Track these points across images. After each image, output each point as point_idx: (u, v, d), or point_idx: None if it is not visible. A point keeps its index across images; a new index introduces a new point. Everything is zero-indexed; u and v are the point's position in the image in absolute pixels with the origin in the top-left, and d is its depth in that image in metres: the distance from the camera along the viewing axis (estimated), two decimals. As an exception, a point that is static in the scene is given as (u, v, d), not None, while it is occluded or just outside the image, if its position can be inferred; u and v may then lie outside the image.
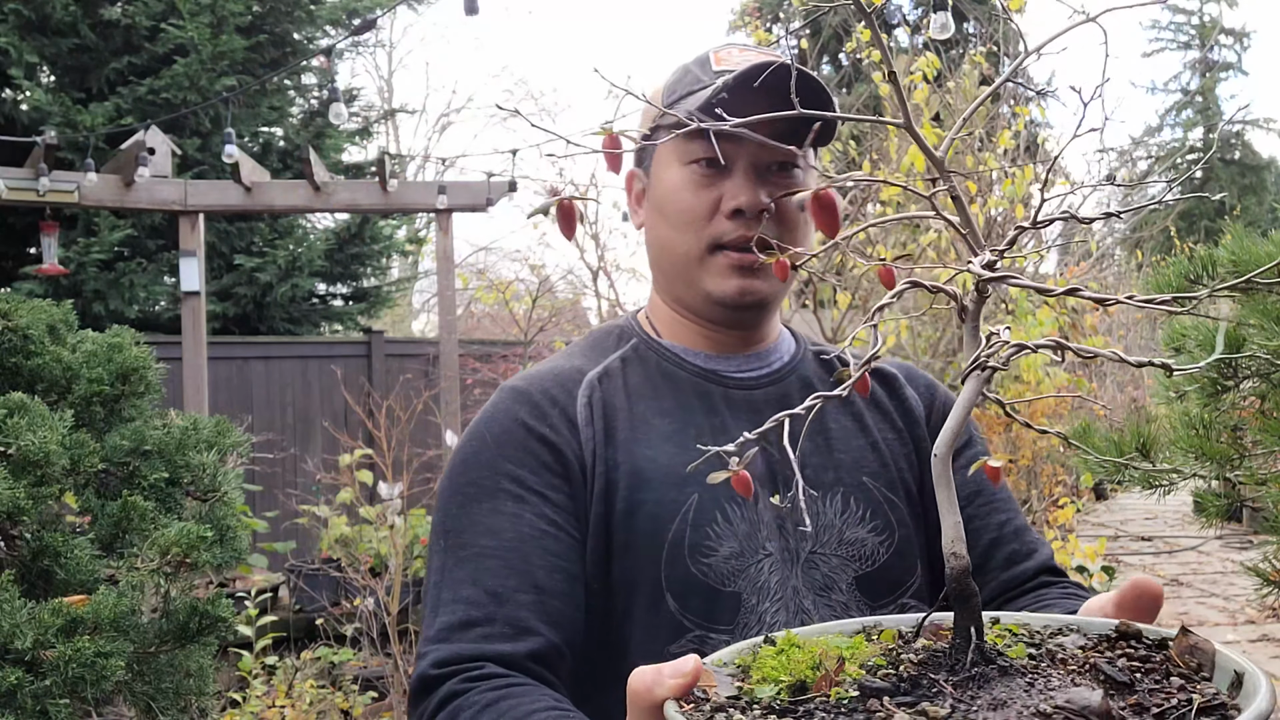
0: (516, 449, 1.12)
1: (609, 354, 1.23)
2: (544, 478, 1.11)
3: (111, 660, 1.45)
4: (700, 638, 1.08)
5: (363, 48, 16.60)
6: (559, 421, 1.14)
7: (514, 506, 1.09)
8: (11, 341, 1.79)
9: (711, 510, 1.11)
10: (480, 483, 1.11)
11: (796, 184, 1.16)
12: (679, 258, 1.19)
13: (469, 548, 1.08)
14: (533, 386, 1.17)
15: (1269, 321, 1.68)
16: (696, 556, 1.10)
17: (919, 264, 5.91)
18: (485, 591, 1.05)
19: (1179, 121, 26.44)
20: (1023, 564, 1.23)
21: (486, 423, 1.16)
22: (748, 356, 1.24)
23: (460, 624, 1.04)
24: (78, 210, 6.51)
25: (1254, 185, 24.28)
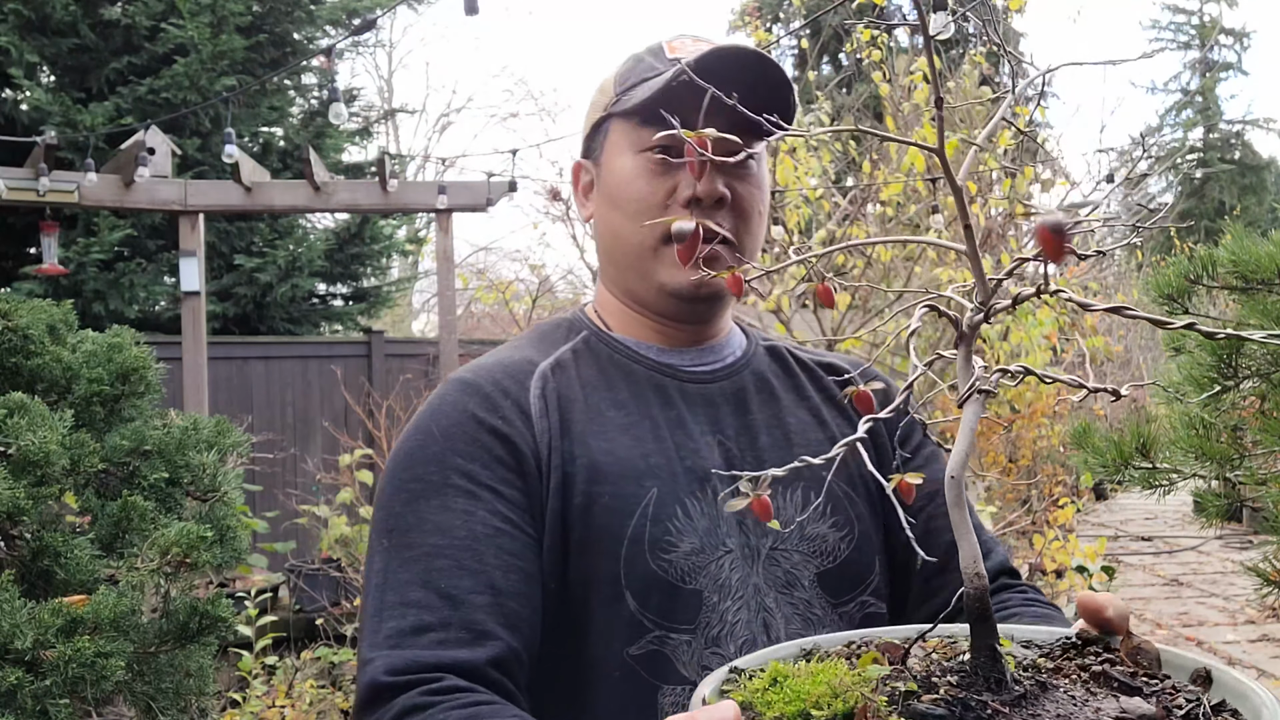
0: (467, 442, 1.06)
1: (559, 346, 1.18)
2: (497, 472, 1.05)
3: (111, 660, 1.45)
4: (660, 638, 1.04)
5: (363, 48, 16.61)
6: (511, 413, 1.08)
7: (465, 503, 1.03)
8: (11, 341, 1.79)
9: (671, 505, 1.08)
10: (427, 478, 1.05)
11: (751, 172, 1.14)
12: (632, 248, 1.15)
13: (416, 547, 1.02)
14: (481, 378, 1.12)
15: (1269, 322, 1.68)
16: (657, 553, 1.06)
17: (919, 264, 5.85)
18: (437, 594, 0.99)
19: (1179, 121, 26.44)
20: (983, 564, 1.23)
21: (432, 415, 1.09)
22: (701, 350, 1.21)
23: (412, 629, 0.97)
24: (78, 210, 6.51)
25: (1254, 185, 24.28)
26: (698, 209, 1.09)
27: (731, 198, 1.11)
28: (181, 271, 6.02)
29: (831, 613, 1.12)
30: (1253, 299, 1.75)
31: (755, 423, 1.16)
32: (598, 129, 1.20)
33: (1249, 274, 1.74)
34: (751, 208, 1.14)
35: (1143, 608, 6.14)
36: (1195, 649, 5.23)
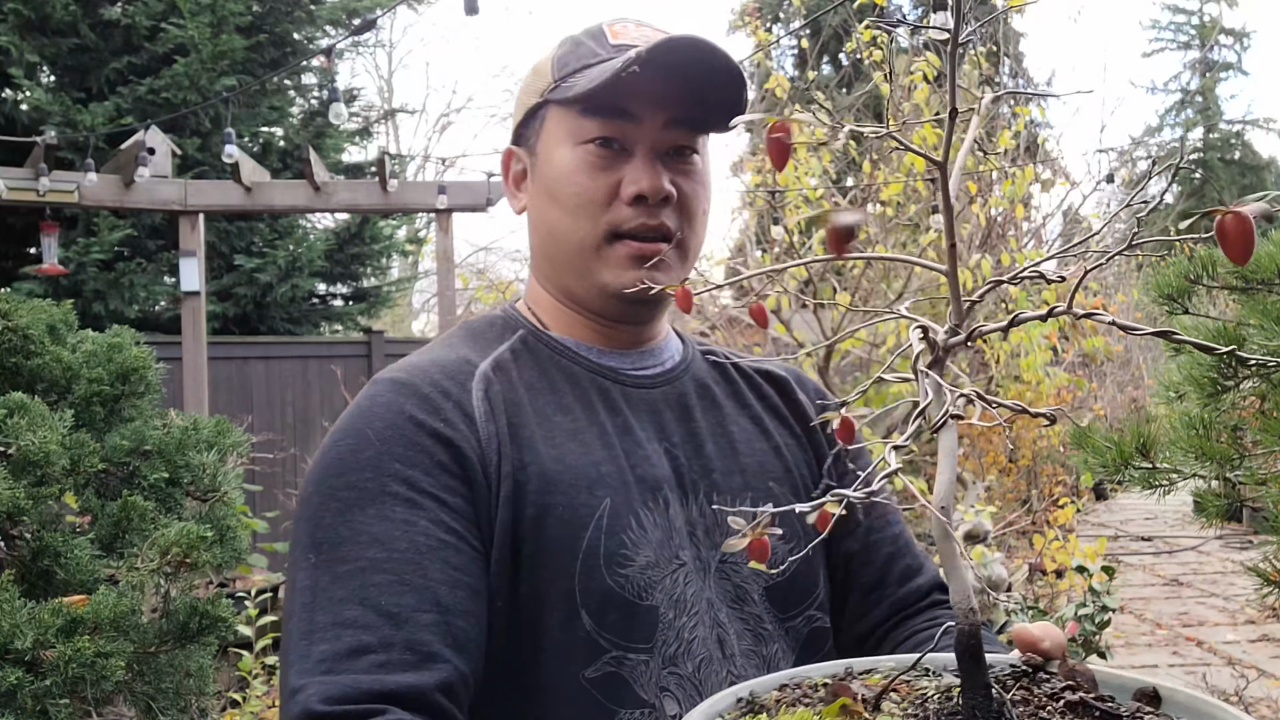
0: (405, 446, 0.96)
1: (496, 344, 1.09)
2: (439, 479, 0.95)
3: (111, 660, 1.45)
4: (617, 659, 0.97)
5: (363, 48, 16.61)
6: (454, 415, 0.98)
7: (405, 511, 0.93)
8: (11, 341, 1.79)
9: (625, 516, 1.00)
10: (362, 485, 0.94)
11: (696, 169, 1.08)
12: (572, 246, 1.07)
13: (351, 561, 0.90)
14: (416, 378, 1.02)
15: (1269, 321, 1.68)
16: (613, 567, 0.98)
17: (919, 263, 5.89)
18: (376, 611, 0.88)
19: (1179, 121, 26.44)
20: (916, 580, 1.17)
21: (363, 418, 0.99)
22: (641, 353, 1.14)
23: (349, 651, 0.86)
24: (78, 210, 6.51)
25: (1254, 185, 24.28)
26: (643, 206, 1.04)
27: (677, 195, 1.06)
28: (181, 271, 6.02)
29: (779, 627, 1.07)
30: (1253, 299, 1.75)
31: (700, 430, 1.11)
32: (533, 115, 1.11)
33: (1249, 274, 1.74)
34: (697, 206, 1.08)
35: (1143, 608, 6.14)
36: (1195, 649, 5.23)
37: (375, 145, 11.85)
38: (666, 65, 1.00)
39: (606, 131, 1.04)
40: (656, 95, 1.03)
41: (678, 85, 1.03)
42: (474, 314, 11.19)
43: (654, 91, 1.03)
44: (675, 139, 1.06)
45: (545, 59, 1.12)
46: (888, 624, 1.14)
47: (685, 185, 1.07)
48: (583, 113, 1.04)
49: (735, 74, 1.03)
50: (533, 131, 1.11)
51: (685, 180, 1.07)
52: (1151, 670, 4.75)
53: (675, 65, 1.01)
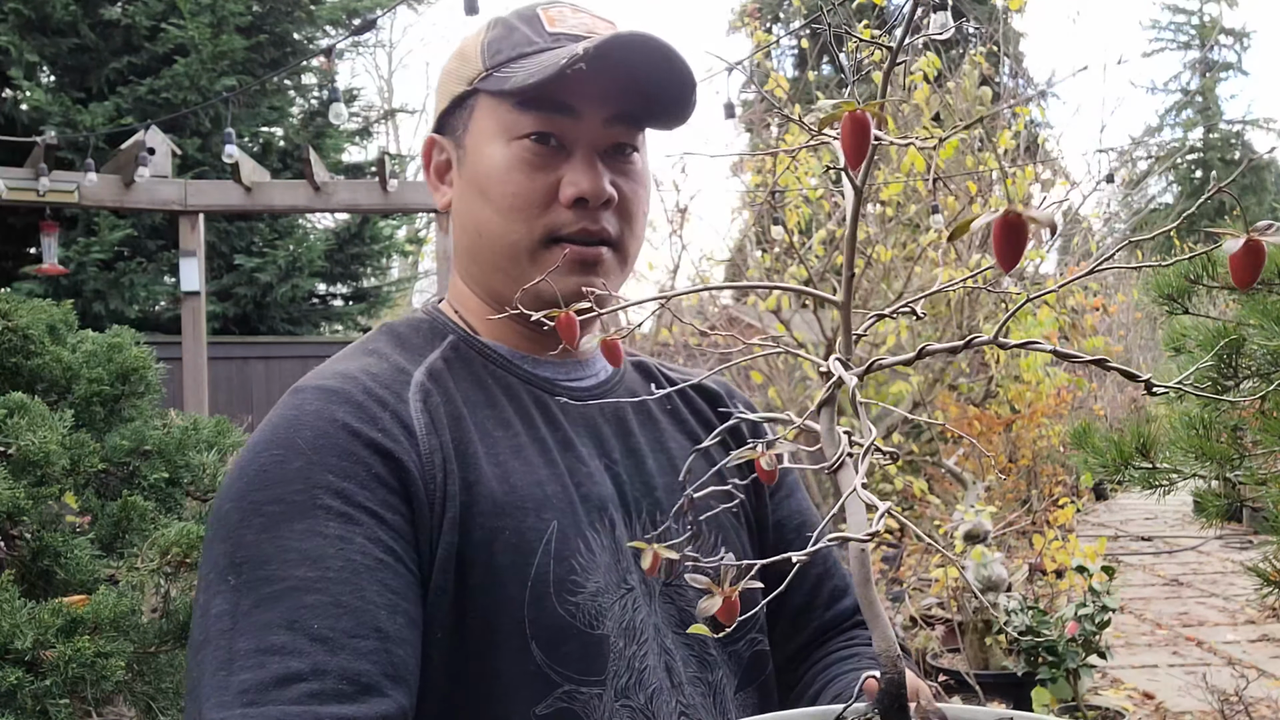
0: (339, 456, 0.86)
1: (426, 351, 1.00)
2: (376, 493, 0.85)
3: (111, 660, 1.45)
4: (569, 694, 0.90)
5: (363, 48, 16.63)
6: (392, 426, 0.89)
7: (339, 527, 0.83)
8: (11, 341, 1.79)
9: (574, 540, 0.93)
10: (289, 499, 0.83)
11: (636, 168, 1.01)
12: (505, 248, 0.98)
13: (278, 582, 0.80)
14: (348, 385, 0.91)
15: (1269, 321, 1.68)
16: (563, 595, 0.91)
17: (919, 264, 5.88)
18: (308, 636, 0.78)
19: (1179, 121, 26.46)
20: (842, 602, 1.13)
21: (289, 428, 0.87)
22: (576, 363, 1.07)
23: (276, 680, 0.76)
24: (78, 210, 6.51)
25: (1254, 185, 24.30)
26: (583, 209, 0.96)
27: (618, 197, 0.98)
28: (181, 271, 6.03)
29: (722, 652, 1.02)
30: (1253, 299, 1.75)
31: (639, 446, 1.05)
32: (460, 104, 1.02)
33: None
34: (637, 208, 1.02)
35: (1143, 608, 6.15)
36: (1195, 649, 5.23)
37: (375, 145, 11.85)
38: (614, 61, 0.93)
39: (544, 127, 0.96)
40: (600, 92, 0.96)
41: (623, 82, 0.97)
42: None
43: (598, 88, 0.96)
44: (615, 136, 0.99)
45: (473, 42, 1.02)
46: (812, 644, 1.12)
47: (626, 186, 1.00)
48: (518, 106, 0.96)
49: (685, 73, 0.97)
50: (459, 121, 1.02)
51: (626, 181, 1.00)
52: (1151, 670, 4.76)
53: (623, 62, 0.94)
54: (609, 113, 0.98)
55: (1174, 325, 1.92)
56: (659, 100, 0.99)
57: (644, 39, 0.94)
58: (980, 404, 5.83)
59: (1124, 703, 4.08)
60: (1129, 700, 4.21)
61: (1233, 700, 3.58)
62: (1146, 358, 11.34)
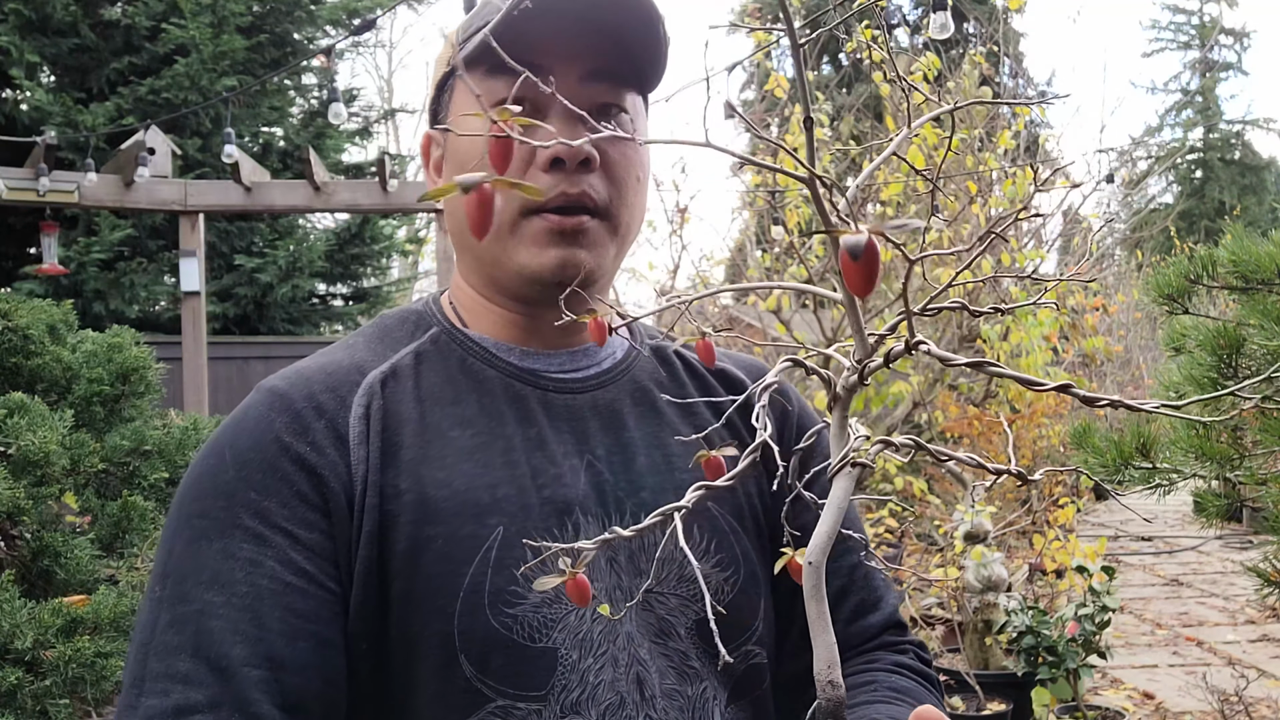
0: (264, 472, 0.86)
1: (401, 346, 0.98)
2: (296, 511, 0.86)
3: (111, 660, 1.45)
4: (504, 709, 0.87)
5: (363, 48, 16.63)
6: (323, 438, 0.89)
7: (252, 549, 0.84)
8: (11, 341, 1.79)
9: (520, 547, 0.88)
10: (213, 514, 0.85)
11: (623, 129, 0.94)
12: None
13: (190, 602, 0.83)
14: (296, 390, 0.91)
15: (1269, 321, 1.68)
16: (499, 607, 0.87)
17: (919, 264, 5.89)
18: (208, 665, 0.80)
19: (1179, 121, 26.46)
20: (869, 617, 1.05)
21: (232, 434, 0.90)
22: (573, 353, 1.01)
23: (175, 710, 0.79)
24: (78, 210, 6.51)
25: (1254, 185, 24.29)
26: (560, 172, 0.90)
27: (601, 158, 0.92)
28: (181, 271, 6.03)
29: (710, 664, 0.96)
30: (1253, 299, 1.75)
31: (632, 441, 0.98)
32: (442, 89, 0.99)
33: (1249, 274, 1.74)
34: (627, 171, 0.94)
35: (1143, 608, 6.14)
36: (1195, 649, 5.23)
37: (375, 145, 11.86)
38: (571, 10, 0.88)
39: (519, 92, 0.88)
40: (565, 46, 0.91)
41: (590, 33, 0.91)
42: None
43: (562, 42, 0.90)
44: (596, 96, 0.92)
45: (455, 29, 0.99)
46: None
47: (612, 147, 0.93)
48: (486, 74, 0.91)
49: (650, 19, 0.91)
50: (443, 107, 0.99)
51: (611, 145, 0.93)
52: (1151, 670, 4.76)
53: (581, 10, 0.89)
54: (583, 69, 0.92)
55: (1174, 325, 1.92)
56: (636, 52, 0.92)
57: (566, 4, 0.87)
58: (980, 404, 5.83)
59: (1124, 703, 4.08)
60: (1129, 700, 4.21)
61: (1233, 700, 3.58)
62: (1146, 358, 11.34)
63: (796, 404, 1.11)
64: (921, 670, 1.04)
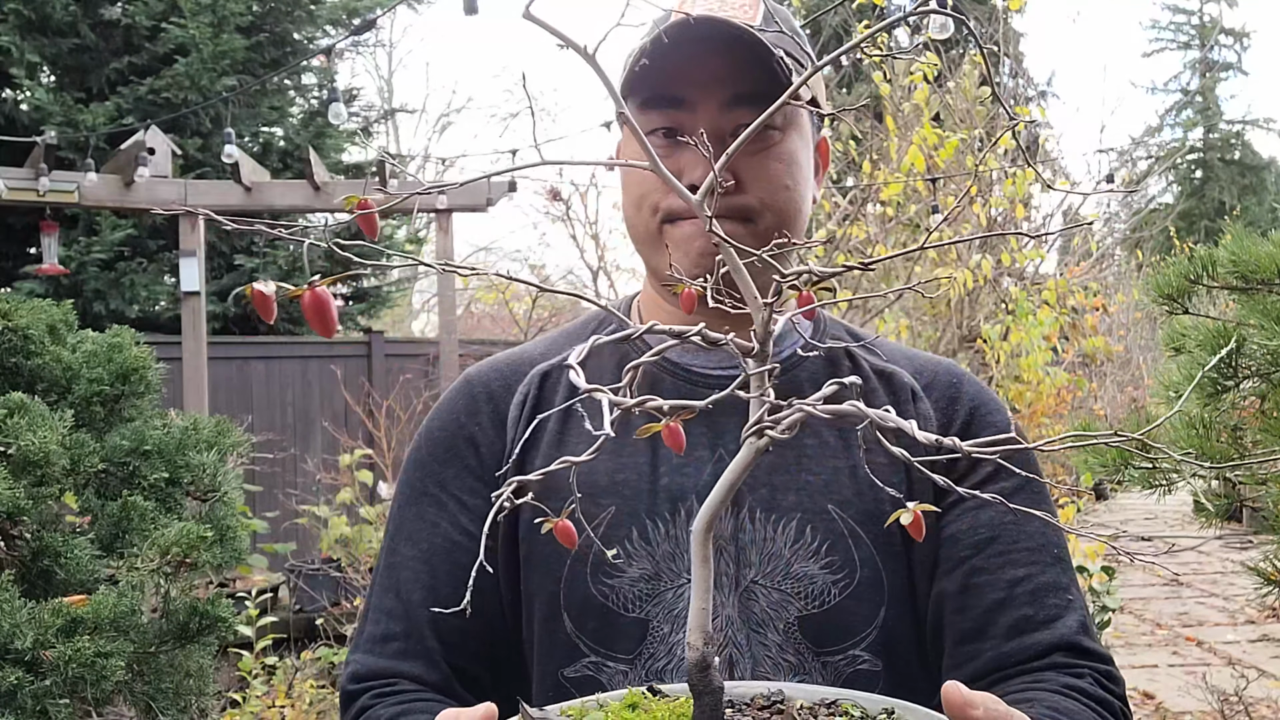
0: (446, 449, 1.08)
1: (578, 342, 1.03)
2: (465, 481, 1.06)
3: (111, 660, 1.45)
4: (596, 664, 1.01)
5: (363, 48, 16.60)
6: (488, 419, 1.08)
7: (434, 513, 1.06)
8: (11, 341, 1.79)
9: (627, 526, 1.00)
10: (415, 484, 1.09)
11: (773, 146, 1.02)
12: (638, 236, 1.07)
13: (397, 554, 1.06)
14: (480, 376, 1.11)
15: (1269, 321, 1.68)
16: (599, 576, 1.00)
17: (919, 264, 5.86)
18: (404, 604, 1.03)
19: (1179, 121, 26.45)
20: (1033, 634, 0.98)
21: (434, 415, 1.12)
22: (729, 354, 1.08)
23: (382, 636, 1.03)
24: (78, 210, 6.51)
25: (1254, 185, 24.29)
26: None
27: (742, 178, 0.99)
28: (181, 271, 6.03)
29: (814, 661, 0.99)
30: (1252, 299, 1.75)
31: None
32: None
33: (1249, 274, 1.74)
34: (775, 180, 1.02)
35: (1143, 608, 6.14)
36: (1195, 649, 5.23)
37: (375, 145, 11.85)
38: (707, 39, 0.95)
39: (663, 123, 1.01)
40: (705, 74, 0.99)
41: (718, 62, 0.98)
42: (474, 314, 11.17)
43: (702, 71, 0.98)
44: (740, 119, 0.99)
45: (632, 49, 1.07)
46: (985, 677, 0.98)
47: (752, 165, 1.00)
48: (641, 105, 1.02)
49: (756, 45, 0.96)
50: None
51: (753, 160, 1.00)
52: (1151, 670, 4.76)
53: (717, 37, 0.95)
54: (723, 96, 0.99)
55: (1174, 325, 1.92)
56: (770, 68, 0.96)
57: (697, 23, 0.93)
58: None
59: (1124, 703, 4.07)
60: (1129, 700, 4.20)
61: (1233, 700, 3.58)
62: (1146, 358, 11.34)
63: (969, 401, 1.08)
64: (1100, 696, 0.98)
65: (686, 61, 0.96)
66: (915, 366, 1.10)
